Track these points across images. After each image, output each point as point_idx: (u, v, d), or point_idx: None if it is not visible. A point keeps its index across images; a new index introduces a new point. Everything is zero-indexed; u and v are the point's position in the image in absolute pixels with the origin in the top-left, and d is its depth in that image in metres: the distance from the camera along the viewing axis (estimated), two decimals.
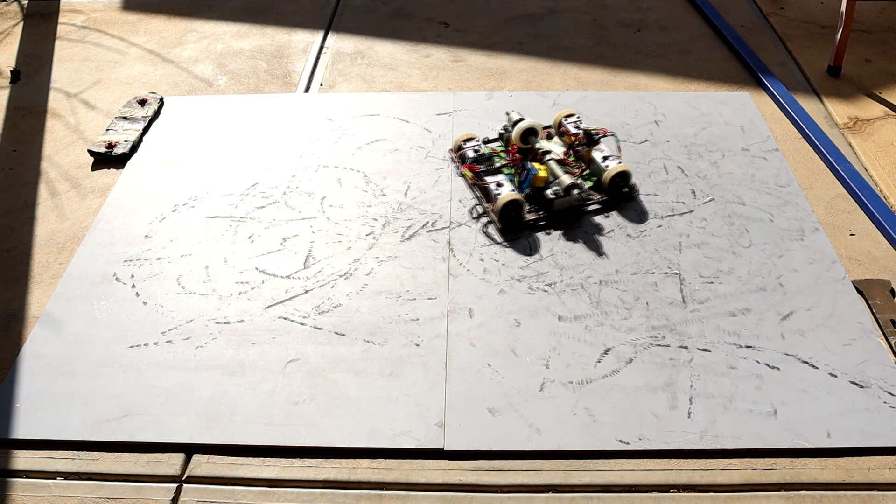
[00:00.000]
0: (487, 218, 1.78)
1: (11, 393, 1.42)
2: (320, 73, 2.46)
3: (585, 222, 1.77)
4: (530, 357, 1.45)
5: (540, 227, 1.76)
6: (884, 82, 2.32)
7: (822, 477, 1.25)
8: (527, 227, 1.76)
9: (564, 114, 1.98)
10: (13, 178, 2.02)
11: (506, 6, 2.85)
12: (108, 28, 2.77)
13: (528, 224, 1.77)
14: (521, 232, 1.75)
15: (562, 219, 1.78)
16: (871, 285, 1.59)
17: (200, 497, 1.25)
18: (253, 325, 1.54)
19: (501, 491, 1.25)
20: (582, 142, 1.89)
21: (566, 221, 1.78)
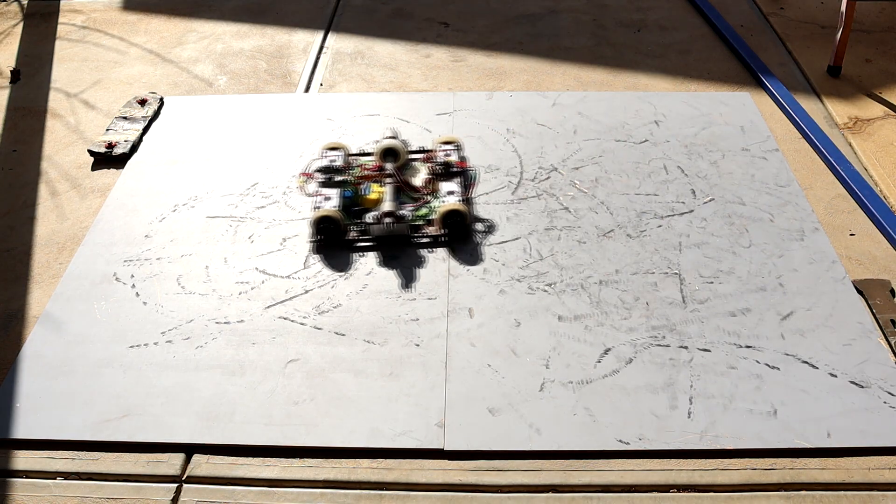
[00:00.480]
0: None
1: (11, 393, 1.42)
2: (320, 73, 2.46)
3: (586, 223, 1.77)
4: (530, 357, 1.45)
5: (357, 248, 1.70)
6: (884, 82, 2.32)
7: (822, 477, 1.25)
8: (345, 245, 1.70)
9: (444, 140, 1.92)
10: (13, 178, 2.02)
11: (506, 6, 2.85)
12: (108, 28, 2.77)
13: (347, 243, 1.70)
14: (339, 249, 1.70)
15: (386, 244, 1.70)
16: (871, 285, 1.59)
17: (200, 497, 1.25)
18: (253, 325, 1.54)
19: (501, 491, 1.25)
20: (437, 172, 1.82)
21: (389, 248, 1.70)
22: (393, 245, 1.71)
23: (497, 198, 1.86)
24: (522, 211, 1.81)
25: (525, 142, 2.05)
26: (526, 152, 2.01)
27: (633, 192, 1.87)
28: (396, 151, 1.86)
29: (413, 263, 1.67)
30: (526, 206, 1.83)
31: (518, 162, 1.98)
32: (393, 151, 1.86)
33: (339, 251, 1.70)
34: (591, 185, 1.89)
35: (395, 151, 1.86)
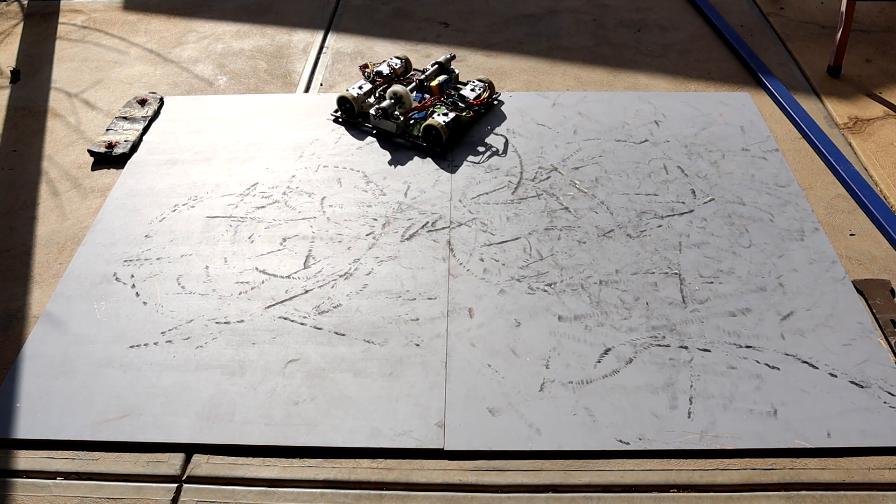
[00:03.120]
0: None
1: (11, 393, 1.42)
2: (320, 73, 2.46)
3: (586, 223, 1.77)
4: (530, 357, 1.45)
5: (362, 129, 2.09)
6: (884, 82, 2.32)
7: (822, 477, 1.25)
8: (353, 125, 2.12)
9: (480, 77, 2.19)
10: (13, 178, 2.02)
11: (506, 6, 2.85)
12: (108, 28, 2.77)
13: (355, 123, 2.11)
14: (350, 127, 2.12)
15: (382, 138, 2.07)
16: (871, 285, 1.59)
17: (200, 497, 1.25)
18: (253, 325, 1.54)
19: (501, 491, 1.25)
20: (451, 96, 2.13)
21: (381, 140, 2.06)
22: (382, 137, 2.07)
23: (497, 198, 1.86)
24: (522, 211, 1.81)
25: (525, 142, 2.05)
26: (526, 152, 2.01)
27: (633, 192, 1.87)
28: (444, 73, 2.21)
29: (413, 263, 1.67)
30: (526, 206, 1.83)
31: (518, 162, 1.98)
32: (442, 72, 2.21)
33: (350, 128, 2.12)
34: (591, 185, 1.89)
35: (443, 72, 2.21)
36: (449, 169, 1.95)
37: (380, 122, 2.05)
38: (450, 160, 1.96)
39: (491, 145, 2.02)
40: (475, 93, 2.12)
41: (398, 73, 2.21)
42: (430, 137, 1.99)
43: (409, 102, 2.05)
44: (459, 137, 2.05)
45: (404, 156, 2.01)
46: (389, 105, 2.03)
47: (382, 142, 2.05)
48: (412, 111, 2.06)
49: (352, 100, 2.09)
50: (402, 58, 2.24)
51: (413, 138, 2.03)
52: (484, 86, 2.15)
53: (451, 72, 2.23)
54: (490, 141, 2.03)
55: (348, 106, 2.11)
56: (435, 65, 2.22)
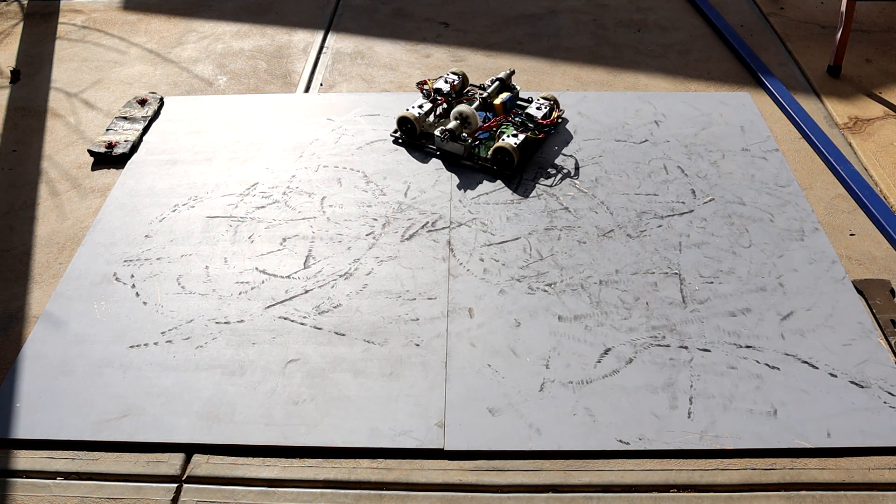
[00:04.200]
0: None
1: (11, 393, 1.42)
2: (320, 73, 2.46)
3: (586, 223, 1.77)
4: (530, 357, 1.45)
5: (426, 150, 2.02)
6: (884, 82, 2.32)
7: (822, 477, 1.25)
8: (416, 145, 2.03)
9: (544, 95, 2.11)
10: (13, 178, 2.02)
11: (506, 6, 2.85)
12: (108, 28, 2.77)
13: (419, 143, 2.03)
14: (412, 148, 2.04)
15: (447, 160, 1.98)
16: (871, 285, 1.59)
17: (200, 497, 1.25)
18: (253, 325, 1.54)
19: (501, 491, 1.25)
20: (518, 115, 2.04)
21: (446, 161, 1.98)
22: (448, 159, 1.98)
23: (497, 198, 1.86)
24: (522, 211, 1.81)
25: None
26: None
27: (633, 192, 1.87)
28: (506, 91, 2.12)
29: (413, 263, 1.67)
30: (526, 206, 1.83)
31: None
32: (503, 90, 2.13)
33: (412, 149, 2.04)
34: (591, 185, 1.89)
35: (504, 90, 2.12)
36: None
37: (446, 143, 1.96)
38: (519, 182, 1.87)
39: (562, 167, 1.91)
40: (542, 111, 2.02)
41: (455, 89, 2.12)
42: (500, 160, 1.90)
43: (475, 123, 1.96)
44: (528, 159, 1.97)
45: (404, 156, 2.01)
46: (456, 126, 1.94)
47: (447, 163, 1.96)
48: (478, 131, 1.97)
49: (414, 120, 2.00)
50: (459, 73, 2.16)
51: (481, 160, 1.94)
52: (550, 104, 2.06)
53: (513, 88, 2.14)
54: (560, 162, 1.91)
55: (409, 126, 2.02)
56: (495, 81, 2.13)
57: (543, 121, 2.00)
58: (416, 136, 2.03)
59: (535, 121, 2.00)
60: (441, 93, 2.11)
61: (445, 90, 2.11)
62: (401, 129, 2.04)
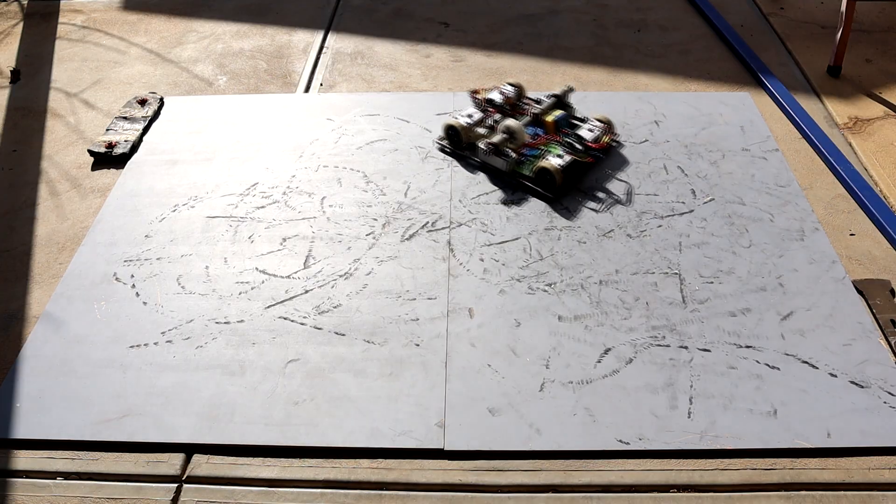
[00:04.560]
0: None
1: (11, 393, 1.42)
2: (320, 73, 2.46)
3: (585, 222, 1.77)
4: (530, 357, 1.45)
5: (469, 161, 1.96)
6: (884, 82, 2.32)
7: (822, 477, 1.25)
8: (459, 155, 1.98)
9: (598, 116, 2.00)
10: (13, 178, 2.02)
11: (506, 6, 2.85)
12: (108, 28, 2.77)
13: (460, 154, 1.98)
14: (456, 157, 1.99)
15: (490, 174, 1.92)
16: (871, 285, 1.59)
17: (200, 497, 1.25)
18: (253, 325, 1.54)
19: (501, 491, 1.25)
20: (568, 135, 1.95)
21: (490, 175, 1.92)
22: (491, 173, 1.92)
23: (497, 198, 1.86)
24: (522, 211, 1.81)
25: None
26: None
27: (633, 192, 1.87)
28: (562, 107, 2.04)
29: (413, 263, 1.67)
30: (526, 206, 1.83)
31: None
32: (559, 106, 2.04)
33: (457, 158, 2.00)
34: (591, 185, 1.89)
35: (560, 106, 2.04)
36: (449, 169, 1.95)
37: (489, 157, 1.90)
38: (564, 205, 1.80)
39: (612, 192, 1.83)
40: (593, 134, 1.93)
41: (510, 101, 2.05)
42: (542, 180, 1.83)
43: (522, 139, 1.89)
44: (574, 182, 1.88)
45: (404, 156, 2.01)
46: (501, 140, 1.87)
47: (491, 177, 1.91)
48: (524, 147, 1.90)
49: (459, 129, 1.94)
50: (516, 85, 2.08)
51: (524, 178, 1.87)
52: (603, 127, 1.96)
53: (569, 106, 2.06)
54: (611, 187, 1.85)
55: (455, 135, 1.97)
56: (552, 97, 2.05)
57: (593, 144, 1.90)
58: (460, 146, 1.97)
59: (584, 143, 1.91)
60: (493, 103, 2.03)
61: (498, 101, 2.03)
62: (446, 136, 1.99)
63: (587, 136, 1.92)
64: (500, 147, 1.87)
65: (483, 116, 2.00)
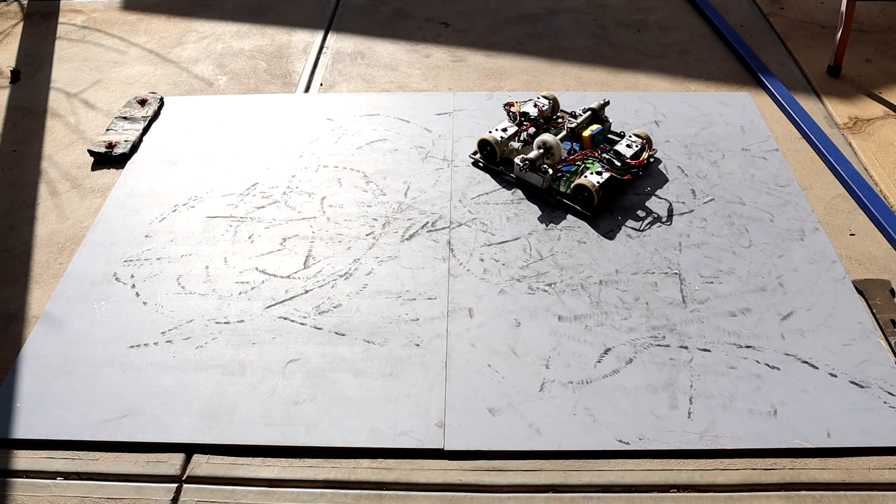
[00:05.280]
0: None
1: (11, 393, 1.42)
2: (320, 73, 2.46)
3: (586, 223, 1.77)
4: (530, 357, 1.45)
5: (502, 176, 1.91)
6: (884, 82, 2.32)
7: (822, 477, 1.25)
8: (492, 171, 1.93)
9: (636, 132, 1.93)
10: (13, 178, 2.02)
11: (506, 6, 2.85)
12: (108, 28, 2.77)
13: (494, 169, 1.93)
14: (490, 172, 1.94)
15: (525, 190, 1.88)
16: (871, 285, 1.59)
17: (200, 497, 1.25)
18: (253, 325, 1.54)
19: (501, 491, 1.25)
20: (606, 150, 1.88)
21: (528, 191, 1.87)
22: (526, 189, 1.87)
23: (497, 198, 1.86)
24: (522, 211, 1.81)
25: None
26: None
27: (634, 192, 1.87)
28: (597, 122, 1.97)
29: (413, 263, 1.67)
30: (526, 206, 1.83)
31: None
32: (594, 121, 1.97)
33: (491, 174, 1.95)
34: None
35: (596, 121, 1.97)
36: (449, 169, 1.95)
37: (525, 173, 1.84)
38: (602, 226, 1.75)
39: (652, 210, 1.78)
40: (632, 150, 1.86)
41: (544, 115, 1.99)
42: (580, 197, 1.77)
43: (559, 154, 1.82)
44: (612, 199, 1.83)
45: (404, 156, 2.01)
46: (537, 156, 1.81)
47: (527, 194, 1.85)
48: (561, 164, 1.84)
49: (494, 143, 1.89)
50: (550, 98, 2.02)
51: (561, 195, 1.81)
52: (642, 142, 1.89)
53: (605, 120, 1.99)
54: (651, 206, 1.79)
55: (489, 149, 1.92)
56: (587, 111, 1.98)
57: (632, 161, 1.83)
58: (495, 161, 1.92)
59: (623, 159, 1.83)
60: (528, 117, 1.97)
61: (533, 115, 1.98)
62: (480, 151, 1.94)
63: (626, 152, 1.85)
64: (535, 163, 1.80)
65: (517, 130, 1.94)
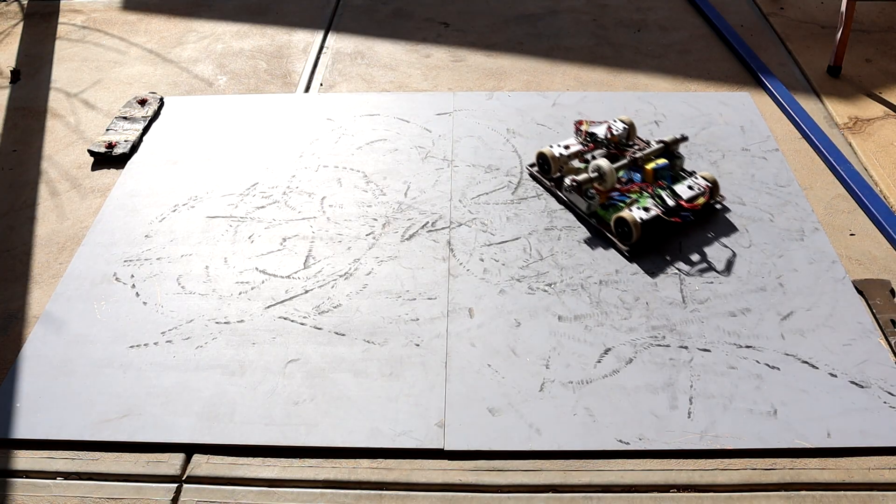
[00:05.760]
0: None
1: (11, 393, 1.42)
2: (320, 73, 2.46)
3: (586, 223, 1.77)
4: (530, 357, 1.45)
5: (553, 195, 1.85)
6: (884, 82, 2.32)
7: (822, 477, 1.25)
8: (544, 184, 1.88)
9: (704, 174, 1.77)
10: (13, 178, 2.02)
11: (506, 6, 2.85)
12: (108, 28, 2.77)
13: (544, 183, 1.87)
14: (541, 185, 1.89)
15: (571, 211, 1.80)
16: (871, 285, 1.59)
17: (200, 497, 1.25)
18: (253, 325, 1.54)
19: (501, 491, 1.25)
20: (664, 187, 1.74)
21: (575, 213, 1.80)
22: (571, 210, 1.81)
23: (497, 198, 1.86)
24: (522, 211, 1.81)
25: (525, 142, 2.05)
26: (526, 152, 2.01)
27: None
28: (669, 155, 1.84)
29: (413, 263, 1.67)
30: (526, 206, 1.83)
31: (518, 162, 1.98)
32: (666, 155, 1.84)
33: (545, 189, 1.89)
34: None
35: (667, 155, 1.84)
36: (449, 169, 1.95)
37: (571, 194, 1.78)
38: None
39: (707, 256, 1.65)
40: (692, 192, 1.71)
41: (615, 139, 1.88)
42: (620, 230, 1.68)
43: (611, 182, 1.71)
44: (658, 239, 1.70)
45: (404, 156, 2.01)
46: (586, 179, 1.73)
47: (575, 215, 1.78)
48: (613, 192, 1.73)
49: (550, 158, 1.83)
50: (628, 123, 1.90)
51: (602, 224, 1.73)
52: (706, 187, 1.73)
53: (676, 157, 1.83)
54: (712, 253, 1.66)
55: (545, 163, 1.86)
56: (660, 143, 1.83)
57: (686, 203, 1.68)
58: (549, 176, 1.86)
59: (677, 199, 1.70)
60: (594, 138, 1.88)
61: (601, 136, 1.87)
62: (538, 163, 1.88)
63: (684, 193, 1.72)
64: (583, 186, 1.73)
65: (581, 150, 1.86)
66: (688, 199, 1.70)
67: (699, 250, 1.69)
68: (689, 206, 1.67)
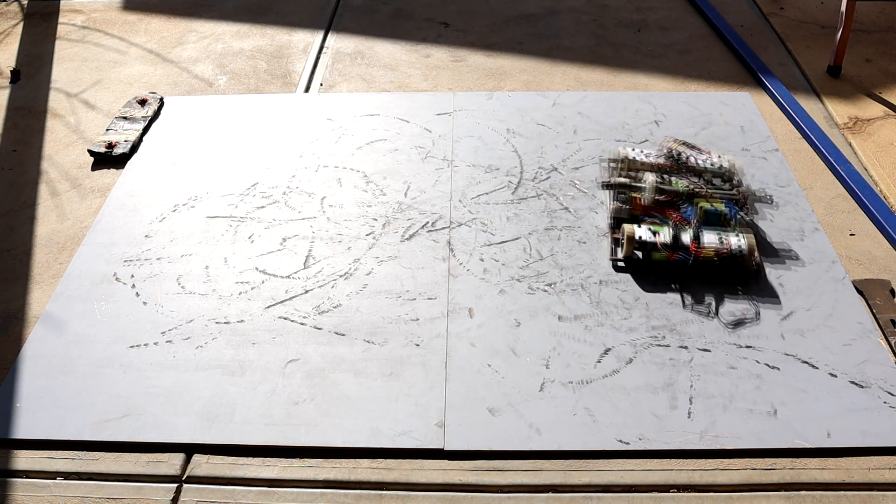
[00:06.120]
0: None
1: (11, 393, 1.42)
2: (320, 73, 2.46)
3: (586, 223, 1.77)
4: (530, 357, 1.45)
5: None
6: (884, 82, 2.32)
7: (822, 477, 1.25)
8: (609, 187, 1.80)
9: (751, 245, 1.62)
10: (13, 178, 2.02)
11: (506, 6, 2.85)
12: (108, 28, 2.77)
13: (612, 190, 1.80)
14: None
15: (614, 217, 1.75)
16: (871, 285, 1.59)
17: (200, 497, 1.25)
18: (253, 325, 1.54)
19: (501, 491, 1.25)
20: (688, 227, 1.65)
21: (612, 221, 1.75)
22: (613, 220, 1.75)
23: (497, 198, 1.86)
24: (522, 211, 1.81)
25: (525, 142, 2.05)
26: (526, 152, 2.01)
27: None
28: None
29: (413, 263, 1.67)
30: (526, 206, 1.83)
31: (518, 162, 1.98)
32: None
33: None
34: (590, 185, 1.89)
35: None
36: (449, 169, 1.95)
37: (604, 189, 1.82)
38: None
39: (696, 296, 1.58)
40: (712, 243, 1.60)
41: (698, 169, 1.77)
42: (616, 240, 1.69)
43: (647, 198, 1.69)
44: (651, 266, 1.64)
45: (404, 156, 2.01)
46: (622, 184, 1.74)
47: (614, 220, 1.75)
48: (649, 209, 1.70)
49: (621, 160, 1.81)
50: (732, 163, 1.78)
51: (611, 229, 1.74)
52: (732, 246, 1.59)
53: (746, 211, 1.71)
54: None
55: (615, 164, 1.83)
56: (737, 193, 1.73)
57: (692, 246, 1.60)
58: (616, 175, 1.81)
59: (691, 239, 1.61)
60: (677, 158, 1.81)
61: (684, 157, 1.80)
62: (612, 161, 1.84)
63: (703, 238, 1.61)
64: (614, 187, 1.75)
65: (656, 163, 1.80)
66: (700, 244, 1.60)
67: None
68: (693, 250, 1.60)
